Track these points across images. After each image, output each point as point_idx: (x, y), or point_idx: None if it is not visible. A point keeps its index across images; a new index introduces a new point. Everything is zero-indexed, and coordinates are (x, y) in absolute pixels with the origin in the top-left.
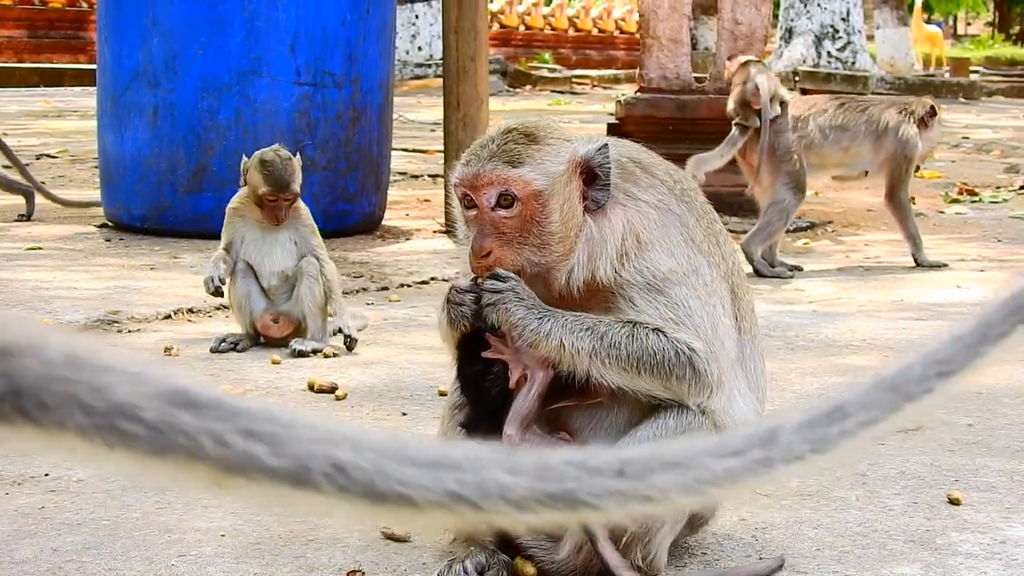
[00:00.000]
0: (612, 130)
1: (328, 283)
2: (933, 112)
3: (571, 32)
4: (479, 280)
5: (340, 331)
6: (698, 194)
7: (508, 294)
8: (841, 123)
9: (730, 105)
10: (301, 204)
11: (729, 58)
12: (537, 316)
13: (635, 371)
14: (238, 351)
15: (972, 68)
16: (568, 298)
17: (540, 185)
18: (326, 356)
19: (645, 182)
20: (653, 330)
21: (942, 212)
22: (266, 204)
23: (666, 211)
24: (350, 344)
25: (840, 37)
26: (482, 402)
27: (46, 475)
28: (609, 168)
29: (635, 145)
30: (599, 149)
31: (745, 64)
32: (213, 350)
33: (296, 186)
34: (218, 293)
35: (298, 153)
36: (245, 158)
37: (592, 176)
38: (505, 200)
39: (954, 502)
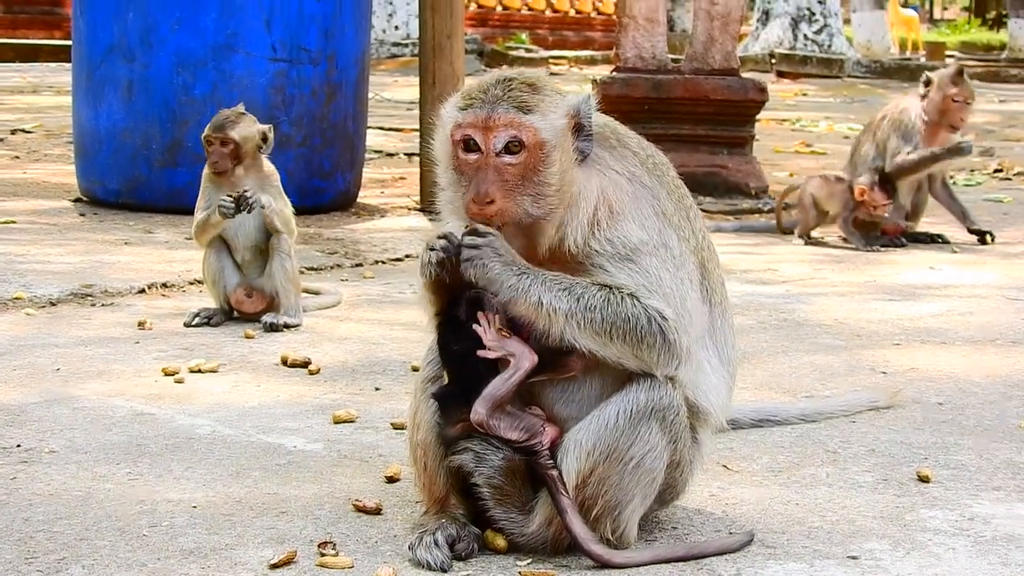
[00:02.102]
0: None
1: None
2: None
3: (548, 13)
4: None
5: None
6: (669, 168)
7: (487, 250)
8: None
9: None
10: (272, 170)
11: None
12: (516, 273)
13: (608, 336)
14: (212, 325)
15: (948, 52)
16: (545, 262)
17: (547, 135)
18: (274, 329)
19: (619, 152)
20: (629, 295)
21: None
22: (207, 151)
23: (638, 183)
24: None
25: (817, 20)
26: (464, 378)
27: (18, 446)
28: (592, 117)
29: (607, 117)
30: (585, 99)
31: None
32: (187, 324)
33: (233, 133)
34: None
35: (271, 126)
36: None
37: (578, 127)
38: (514, 146)
39: (923, 479)
